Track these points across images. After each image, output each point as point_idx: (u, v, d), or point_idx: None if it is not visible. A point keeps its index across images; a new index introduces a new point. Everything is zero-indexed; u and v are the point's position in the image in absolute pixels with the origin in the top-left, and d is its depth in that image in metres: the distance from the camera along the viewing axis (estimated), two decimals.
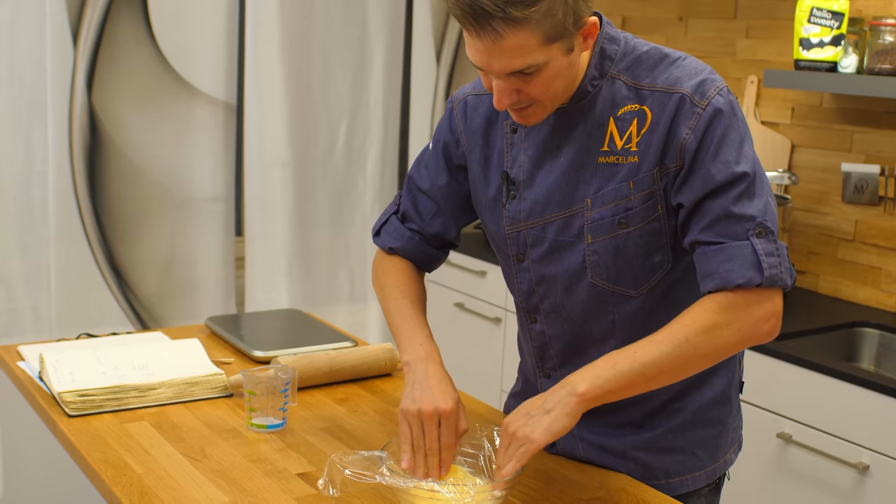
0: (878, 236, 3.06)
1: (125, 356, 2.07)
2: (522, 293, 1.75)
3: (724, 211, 1.52)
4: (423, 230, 1.85)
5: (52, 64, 3.15)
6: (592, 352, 1.69)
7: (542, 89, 1.52)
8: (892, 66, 2.76)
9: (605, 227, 1.60)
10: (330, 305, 3.82)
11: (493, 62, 1.48)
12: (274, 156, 3.60)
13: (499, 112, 1.71)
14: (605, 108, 1.59)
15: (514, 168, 1.67)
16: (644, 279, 1.63)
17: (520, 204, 1.67)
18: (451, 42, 3.94)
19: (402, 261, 1.87)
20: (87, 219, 3.28)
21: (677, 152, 1.54)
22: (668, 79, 1.56)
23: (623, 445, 1.75)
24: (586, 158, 1.60)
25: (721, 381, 1.75)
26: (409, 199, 1.86)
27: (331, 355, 2.12)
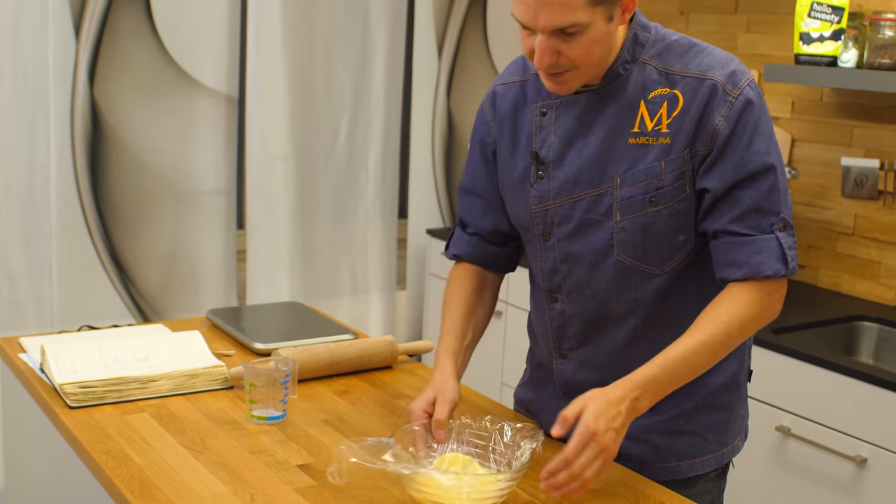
0: (878, 230, 3.06)
1: (126, 348, 2.07)
2: (546, 272, 1.79)
3: (754, 204, 1.61)
4: (480, 230, 1.91)
5: (54, 57, 3.15)
6: (611, 331, 1.73)
7: (581, 52, 1.57)
8: (891, 60, 2.77)
9: (635, 205, 1.66)
10: (331, 299, 3.83)
11: (539, 16, 1.54)
12: (276, 149, 3.61)
13: (526, 97, 1.77)
14: (637, 91, 1.66)
15: (543, 148, 1.73)
16: (670, 258, 1.69)
17: (549, 183, 1.72)
18: (452, 36, 3.95)
19: (464, 270, 1.92)
20: (89, 212, 3.29)
21: (708, 137, 1.61)
22: (700, 65, 1.63)
23: (636, 428, 1.76)
24: (617, 139, 1.66)
25: (731, 367, 1.80)
26: (462, 205, 1.94)
27: (331, 348, 2.13)
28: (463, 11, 3.96)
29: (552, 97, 1.73)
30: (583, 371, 1.81)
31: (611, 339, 1.73)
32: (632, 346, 1.74)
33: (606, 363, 1.77)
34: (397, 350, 2.20)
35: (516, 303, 3.46)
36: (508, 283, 3.47)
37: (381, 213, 3.89)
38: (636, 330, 1.74)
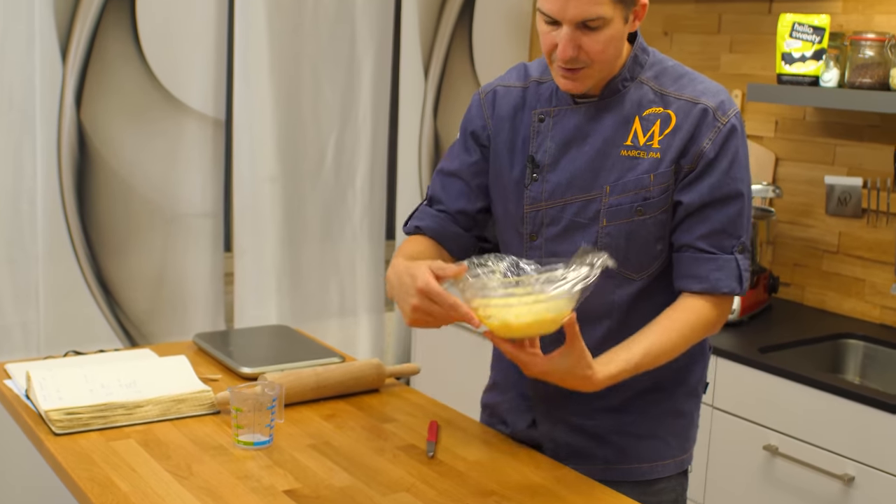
0: (862, 248, 3.08)
1: (112, 373, 2.07)
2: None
3: (721, 225, 1.75)
4: (449, 207, 1.96)
5: (40, 80, 3.16)
6: (586, 330, 1.76)
7: (599, 48, 1.69)
8: (872, 79, 2.79)
9: (622, 212, 1.77)
10: (320, 320, 3.83)
11: (569, 7, 1.65)
12: (263, 171, 3.61)
13: (525, 103, 1.87)
14: (633, 107, 1.78)
15: (539, 152, 1.83)
16: (648, 264, 1.80)
17: (542, 185, 1.82)
18: (438, 57, 3.96)
19: (420, 242, 1.93)
20: (76, 235, 3.29)
21: (695, 157, 1.74)
22: (694, 91, 1.77)
23: (602, 429, 1.89)
24: (610, 149, 1.78)
25: (693, 377, 1.93)
26: (437, 184, 1.99)
27: (318, 371, 2.13)
28: (449, 33, 3.98)
29: (551, 104, 1.84)
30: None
31: (585, 339, 1.74)
32: (604, 347, 1.79)
33: None
34: (384, 373, 2.21)
35: None
36: None
37: (368, 233, 3.90)
38: (610, 331, 1.83)
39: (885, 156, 3.00)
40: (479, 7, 4.03)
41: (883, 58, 2.78)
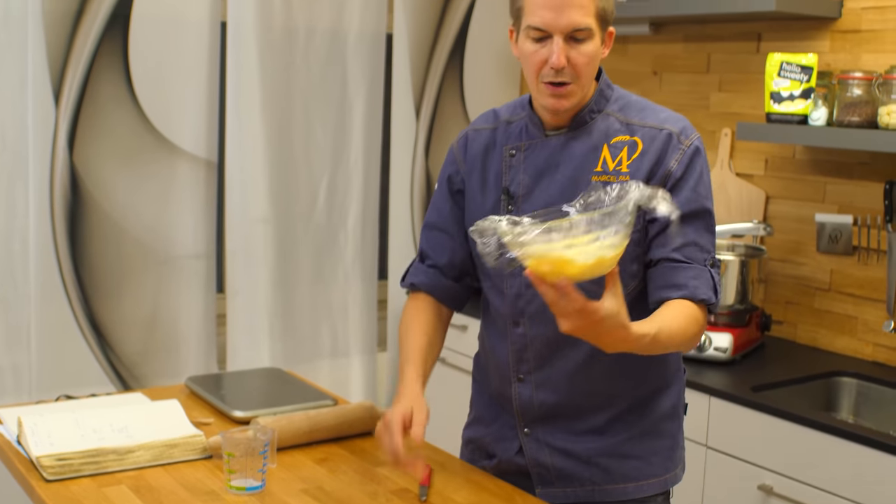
0: (854, 286, 3.09)
1: (104, 418, 2.07)
2: (510, 297, 1.93)
3: (693, 238, 1.84)
4: (437, 262, 2.06)
5: (33, 122, 3.17)
6: (568, 352, 1.89)
7: (585, 61, 1.80)
8: (861, 118, 2.81)
9: None
10: (312, 362, 3.82)
11: (562, 16, 1.77)
12: (255, 212, 3.62)
13: (495, 142, 1.97)
14: (600, 136, 1.88)
15: (513, 184, 1.92)
16: (624, 284, 1.81)
17: (517, 215, 1.80)
18: (430, 97, 3.98)
19: (421, 301, 2.06)
20: (68, 277, 3.28)
21: (663, 177, 1.84)
22: (657, 119, 1.88)
23: (588, 452, 1.95)
24: (581, 175, 1.86)
25: (671, 398, 2.00)
26: (423, 239, 2.10)
27: (310, 415, 2.12)
28: (440, 73, 4.00)
29: (521, 140, 1.93)
30: (540, 393, 1.94)
31: (567, 362, 1.90)
32: (587, 369, 1.91)
33: (563, 385, 1.92)
34: (377, 415, 2.20)
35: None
36: None
37: (360, 274, 3.90)
38: (592, 353, 1.87)
39: (875, 193, 3.01)
40: (469, 47, 4.06)
41: (871, 96, 2.80)
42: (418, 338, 2.01)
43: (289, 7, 3.59)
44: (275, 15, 3.56)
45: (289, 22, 3.60)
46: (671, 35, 3.59)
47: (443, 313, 2.08)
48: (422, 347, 1.99)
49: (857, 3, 3.04)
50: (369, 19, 3.78)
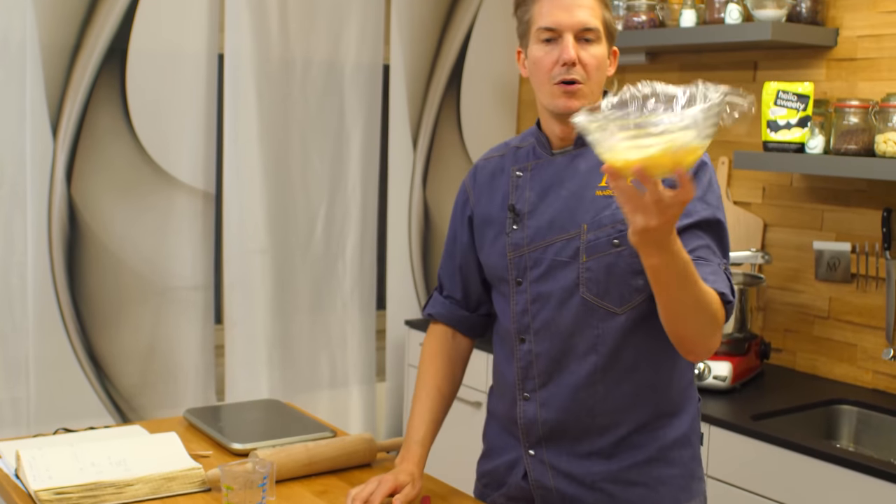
0: (852, 313, 3.09)
1: (102, 451, 2.06)
2: (517, 314, 1.95)
3: (706, 243, 1.81)
4: (452, 293, 2.14)
5: (31, 155, 3.17)
6: (573, 368, 1.89)
7: (594, 63, 1.84)
8: (857, 146, 2.82)
9: (600, 246, 1.84)
10: (311, 392, 3.81)
11: (573, 14, 1.82)
12: (253, 243, 3.62)
13: (504, 166, 2.01)
14: None
15: (519, 202, 1.94)
16: (629, 298, 1.85)
17: (523, 231, 1.93)
18: (427, 127, 4.00)
19: (440, 334, 2.15)
20: (66, 309, 3.28)
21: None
22: None
23: (592, 476, 1.92)
24: (585, 192, 1.87)
25: (682, 425, 1.95)
26: (441, 269, 2.17)
27: (309, 447, 2.12)
28: (437, 103, 4.02)
29: (529, 160, 1.96)
30: (544, 411, 1.93)
31: (573, 378, 1.89)
32: (592, 386, 1.89)
33: (568, 402, 1.91)
34: (375, 447, 2.19)
35: None
36: (488, 374, 3.46)
37: (359, 304, 3.90)
38: (596, 368, 1.88)
39: (873, 220, 3.02)
40: (466, 77, 4.08)
41: (867, 124, 2.81)
42: (429, 396, 2.08)
43: (286, 39, 3.61)
44: (272, 47, 3.58)
45: (286, 53, 3.62)
46: (667, 64, 3.61)
47: (461, 344, 2.16)
48: (431, 409, 2.07)
49: (853, 31, 3.06)
50: (366, 50, 3.79)
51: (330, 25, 3.71)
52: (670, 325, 1.73)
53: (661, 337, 1.83)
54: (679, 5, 3.31)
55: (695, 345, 1.75)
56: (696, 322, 1.71)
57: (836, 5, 3.10)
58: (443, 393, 2.10)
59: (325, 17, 3.70)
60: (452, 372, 2.14)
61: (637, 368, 1.88)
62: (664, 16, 3.37)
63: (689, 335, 1.73)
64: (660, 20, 3.39)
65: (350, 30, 3.75)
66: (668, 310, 1.70)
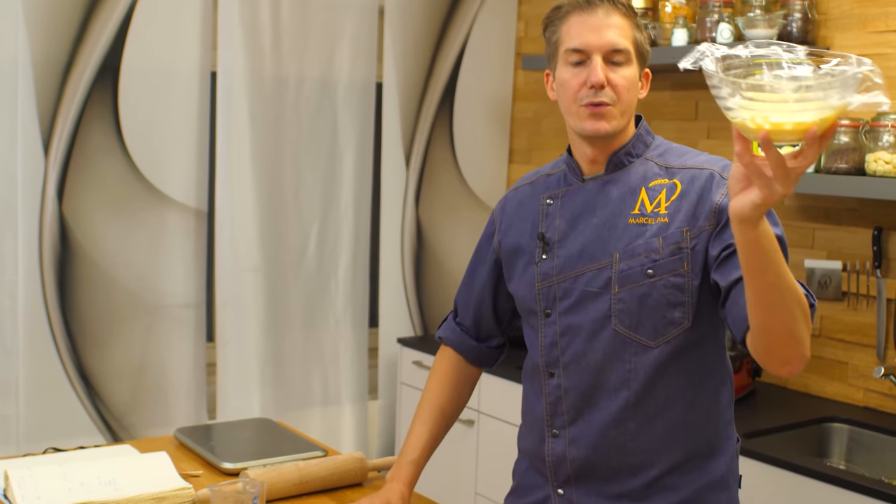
0: (844, 331, 3.09)
1: (92, 471, 2.05)
2: (545, 346, 1.88)
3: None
4: (463, 321, 2.12)
5: (23, 173, 3.17)
6: (604, 404, 1.81)
7: (625, 84, 1.79)
8: (848, 165, 2.82)
9: (632, 276, 1.78)
10: (303, 410, 3.80)
11: (602, 35, 1.78)
12: (246, 261, 3.62)
13: (534, 193, 1.96)
14: (638, 180, 1.83)
15: (549, 230, 1.89)
16: (663, 331, 1.77)
17: (553, 261, 1.87)
18: (420, 145, 4.00)
19: (448, 358, 2.13)
20: (57, 328, 3.27)
21: (711, 214, 1.74)
22: (696, 161, 1.83)
23: None
24: (618, 219, 1.82)
25: (720, 466, 1.85)
26: (458, 295, 2.15)
27: (300, 466, 2.11)
28: (430, 121, 4.03)
29: (559, 187, 1.91)
30: (573, 448, 1.85)
31: (603, 414, 1.81)
32: (623, 424, 1.80)
33: (597, 440, 1.83)
34: (367, 467, 2.19)
35: (489, 412, 3.45)
36: (481, 392, 3.46)
37: (351, 322, 3.89)
38: (628, 404, 1.80)
39: (864, 239, 3.03)
40: (459, 95, 4.09)
41: (858, 143, 2.82)
42: (431, 416, 2.07)
43: (279, 57, 3.61)
44: (265, 65, 3.58)
45: (279, 71, 3.62)
46: (659, 83, 3.62)
47: (467, 371, 2.13)
48: (431, 429, 2.06)
49: (844, 50, 3.07)
50: (359, 68, 3.80)
51: (323, 43, 3.72)
52: (765, 321, 1.56)
53: (697, 372, 1.79)
54: (671, 24, 3.33)
55: (790, 347, 1.57)
56: (792, 315, 1.54)
57: (827, 25, 3.12)
58: (445, 414, 2.08)
59: (318, 35, 3.70)
60: (458, 394, 2.11)
61: (671, 405, 1.80)
62: (656, 34, 3.38)
63: (784, 333, 1.55)
64: (652, 39, 3.41)
65: (343, 48, 3.76)
66: (764, 299, 1.52)
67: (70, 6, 3.22)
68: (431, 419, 2.07)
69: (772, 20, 3.02)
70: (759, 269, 1.50)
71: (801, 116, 1.34)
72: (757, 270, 1.50)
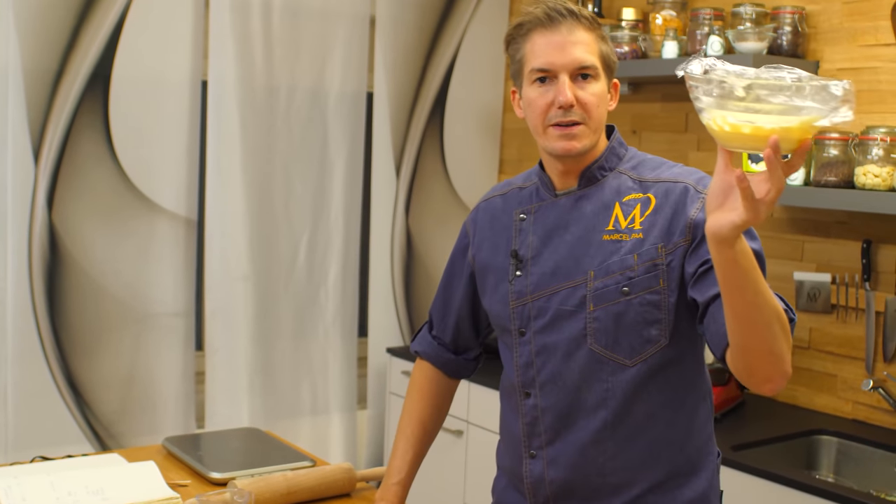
0: (832, 343, 3.10)
1: (80, 480, 2.04)
2: (521, 366, 1.85)
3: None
4: (439, 334, 2.09)
5: (12, 181, 3.16)
6: (582, 424, 1.78)
7: (593, 101, 1.75)
8: (837, 178, 2.83)
9: (608, 294, 1.75)
10: (292, 419, 3.79)
11: (567, 53, 1.73)
12: (236, 270, 3.61)
13: (506, 206, 1.93)
14: (612, 194, 1.80)
15: (522, 247, 1.85)
16: (639, 349, 1.75)
17: (527, 279, 1.83)
18: (410, 156, 4.00)
19: (426, 372, 2.11)
20: (46, 336, 3.26)
21: (686, 229, 1.71)
22: (671, 174, 1.78)
23: None
24: (592, 235, 1.78)
25: (701, 482, 1.83)
26: (433, 307, 2.12)
27: (288, 476, 2.10)
28: (420, 131, 4.03)
29: (532, 202, 1.87)
30: (552, 469, 1.83)
31: (581, 434, 1.78)
32: (602, 443, 1.78)
33: (576, 460, 1.80)
34: (355, 477, 2.18)
35: (477, 422, 3.44)
36: (469, 402, 3.46)
37: (341, 331, 3.89)
38: (606, 424, 1.78)
39: (853, 252, 3.03)
40: (450, 106, 4.09)
41: (847, 156, 2.83)
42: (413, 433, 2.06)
43: (270, 66, 3.61)
44: (256, 74, 3.58)
45: (270, 81, 3.62)
46: (650, 94, 3.63)
47: (446, 384, 2.12)
48: (414, 445, 2.05)
49: (833, 64, 3.09)
50: (350, 78, 3.80)
51: (314, 53, 3.72)
52: (744, 339, 1.54)
53: (676, 390, 1.77)
54: (661, 37, 3.33)
55: (771, 365, 1.55)
56: (771, 332, 1.52)
57: (817, 39, 3.13)
58: (427, 429, 2.08)
59: (310, 45, 3.71)
60: (438, 408, 2.10)
61: (650, 424, 1.77)
62: (646, 47, 3.39)
63: (764, 350, 1.53)
64: (642, 51, 3.42)
65: (334, 57, 3.77)
66: (743, 317, 1.51)
67: (61, 14, 3.21)
68: (414, 436, 2.06)
69: (762, 33, 3.03)
70: (737, 286, 1.48)
71: (758, 120, 1.32)
72: (734, 288, 1.48)
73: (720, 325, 1.62)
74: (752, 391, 1.70)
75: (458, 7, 4.07)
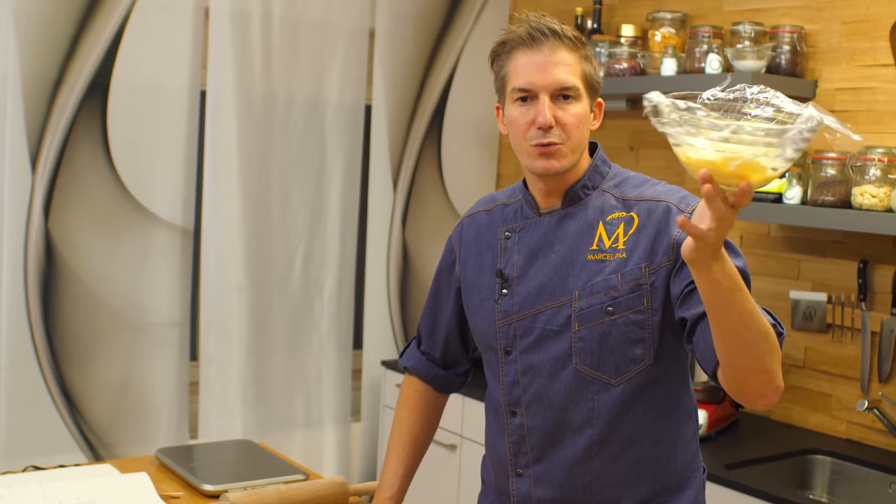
0: (828, 363, 3.10)
1: (71, 491, 2.03)
2: (507, 385, 1.85)
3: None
4: (428, 349, 2.09)
5: (9, 189, 3.16)
6: (569, 443, 1.79)
7: (574, 121, 1.75)
8: (834, 197, 2.84)
9: (592, 314, 1.75)
10: (286, 431, 3.78)
11: (547, 73, 1.74)
12: (231, 281, 3.61)
13: (491, 223, 1.92)
14: (595, 213, 1.80)
15: (507, 266, 1.85)
16: (624, 368, 1.75)
17: (512, 298, 1.83)
18: (408, 168, 4.01)
19: (415, 388, 2.11)
20: (40, 344, 3.25)
21: (669, 248, 1.71)
22: (654, 192, 1.78)
23: None
24: (576, 255, 1.78)
25: (687, 499, 1.83)
26: (420, 322, 2.11)
27: (280, 490, 2.10)
28: (418, 144, 4.03)
29: (517, 220, 1.87)
30: (538, 488, 1.83)
31: (567, 452, 1.79)
32: (588, 462, 1.78)
33: (563, 478, 1.80)
34: (348, 491, 2.18)
35: (471, 436, 3.44)
36: (463, 416, 3.46)
37: (335, 343, 3.88)
38: (592, 443, 1.78)
39: (849, 271, 3.04)
40: (448, 119, 4.09)
41: (844, 176, 2.84)
42: (405, 448, 2.06)
43: (268, 77, 3.62)
44: (254, 85, 3.58)
45: (268, 91, 3.62)
46: None
47: (436, 398, 2.12)
48: (406, 460, 2.05)
49: (832, 84, 3.09)
50: (348, 90, 3.81)
51: (313, 64, 3.72)
52: (733, 358, 1.53)
53: (661, 408, 1.77)
54: (660, 54, 3.34)
55: (764, 382, 1.55)
56: (761, 350, 1.51)
57: (815, 58, 3.14)
58: (417, 444, 2.08)
59: (309, 57, 3.71)
60: (429, 423, 2.11)
61: (636, 442, 1.78)
62: (645, 64, 3.40)
63: (755, 368, 1.53)
64: (641, 68, 3.42)
65: (333, 69, 3.77)
66: (730, 336, 1.50)
67: (61, 23, 3.21)
68: (405, 451, 2.06)
69: (760, 52, 3.03)
70: (721, 306, 1.47)
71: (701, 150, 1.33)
72: (718, 308, 1.48)
73: (709, 344, 1.61)
74: (748, 407, 1.69)
75: (458, 22, 4.08)
